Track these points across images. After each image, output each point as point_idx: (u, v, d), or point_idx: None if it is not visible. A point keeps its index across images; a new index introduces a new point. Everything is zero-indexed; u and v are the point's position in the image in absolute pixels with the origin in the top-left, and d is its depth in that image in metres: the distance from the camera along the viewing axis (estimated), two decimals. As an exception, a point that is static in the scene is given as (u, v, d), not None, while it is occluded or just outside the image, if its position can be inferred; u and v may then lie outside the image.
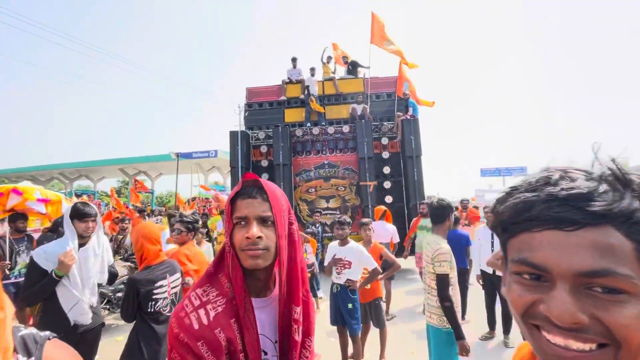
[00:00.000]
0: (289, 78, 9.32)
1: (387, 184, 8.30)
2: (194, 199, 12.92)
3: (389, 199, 8.18)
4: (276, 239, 0.83)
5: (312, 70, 9.04)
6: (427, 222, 5.03)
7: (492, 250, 4.13)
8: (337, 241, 3.26)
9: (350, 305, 3.16)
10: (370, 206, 7.91)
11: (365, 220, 3.65)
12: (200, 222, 8.44)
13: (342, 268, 3.19)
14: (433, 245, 2.57)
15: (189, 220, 2.74)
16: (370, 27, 9.11)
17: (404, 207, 8.23)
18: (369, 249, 3.44)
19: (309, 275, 4.70)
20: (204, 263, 2.84)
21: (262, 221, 0.81)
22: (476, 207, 10.74)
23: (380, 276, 3.32)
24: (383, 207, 5.63)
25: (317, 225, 7.05)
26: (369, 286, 3.36)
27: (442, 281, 2.44)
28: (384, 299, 3.62)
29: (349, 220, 3.17)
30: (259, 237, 0.79)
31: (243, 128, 9.08)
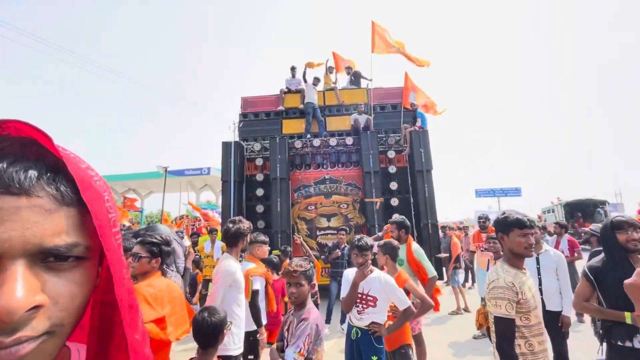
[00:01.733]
0: (287, 87, 8.75)
1: (394, 201, 7.57)
2: (181, 217, 12.01)
3: (396, 217, 7.42)
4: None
5: (316, 80, 8.48)
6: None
7: (540, 281, 3.34)
8: (356, 269, 2.49)
9: (374, 359, 2.34)
10: (377, 226, 7.14)
11: (389, 241, 2.88)
12: (190, 243, 7.68)
13: (365, 306, 2.39)
14: (490, 275, 1.86)
15: (154, 241, 1.96)
16: (371, 37, 8.76)
17: (413, 227, 7.47)
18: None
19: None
20: (179, 301, 2.03)
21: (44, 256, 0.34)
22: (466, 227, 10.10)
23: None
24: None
25: (343, 246, 5.77)
26: (395, 330, 2.55)
27: (500, 328, 1.72)
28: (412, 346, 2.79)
29: (371, 243, 2.41)
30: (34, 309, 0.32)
31: (237, 139, 8.38)
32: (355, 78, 8.98)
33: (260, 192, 7.77)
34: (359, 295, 2.39)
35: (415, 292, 2.76)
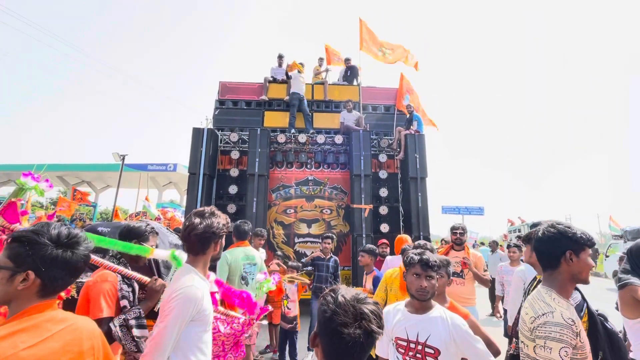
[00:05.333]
0: (272, 77, 7.89)
1: (383, 210, 6.88)
2: (137, 214, 10.56)
3: (384, 227, 6.73)
4: None
5: (301, 65, 7.70)
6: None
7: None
8: (405, 302, 1.66)
9: None
10: (364, 235, 6.38)
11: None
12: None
13: None
14: (536, 305, 1.27)
15: (28, 235, 1.02)
16: (359, 34, 8.27)
17: (401, 238, 6.80)
18: None
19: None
20: (97, 352, 1.07)
21: None
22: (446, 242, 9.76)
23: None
24: (406, 237, 3.87)
25: (329, 257, 4.54)
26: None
27: None
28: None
29: (446, 258, 1.58)
30: None
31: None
32: (351, 73, 8.29)
33: (233, 189, 6.77)
34: (410, 345, 1.53)
35: (482, 336, 1.84)
